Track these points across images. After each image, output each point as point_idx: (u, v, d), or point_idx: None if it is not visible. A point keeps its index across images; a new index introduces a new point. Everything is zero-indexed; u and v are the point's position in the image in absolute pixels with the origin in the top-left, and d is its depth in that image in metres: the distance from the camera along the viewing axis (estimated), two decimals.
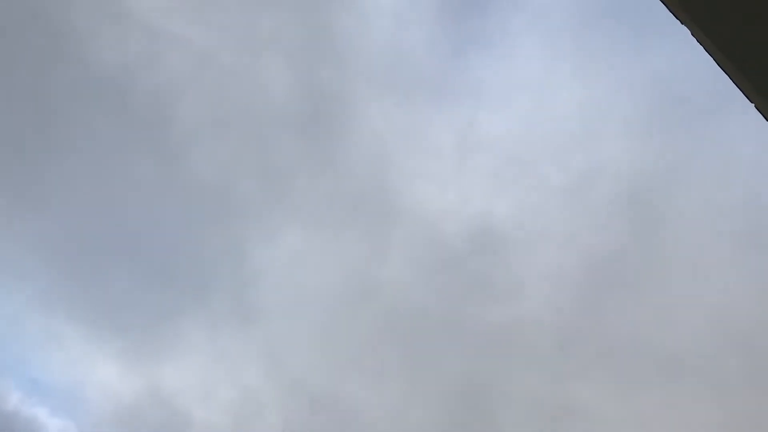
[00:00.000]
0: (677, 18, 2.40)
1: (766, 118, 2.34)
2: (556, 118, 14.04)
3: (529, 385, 13.24)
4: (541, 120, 13.82)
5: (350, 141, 13.51)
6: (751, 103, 2.35)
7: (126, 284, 14.11)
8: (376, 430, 13.05)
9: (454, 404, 13.09)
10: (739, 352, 11.91)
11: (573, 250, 13.41)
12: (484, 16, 14.28)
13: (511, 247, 13.65)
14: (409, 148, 13.57)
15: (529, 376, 13.28)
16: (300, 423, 13.00)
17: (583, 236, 13.32)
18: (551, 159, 13.36)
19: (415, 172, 13.62)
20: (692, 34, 2.37)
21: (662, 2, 2.45)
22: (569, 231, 13.42)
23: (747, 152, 12.79)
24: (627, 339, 13.18)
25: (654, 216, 13.28)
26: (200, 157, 14.51)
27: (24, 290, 13.92)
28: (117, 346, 13.81)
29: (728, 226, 12.70)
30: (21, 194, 13.58)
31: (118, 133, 13.52)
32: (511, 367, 13.37)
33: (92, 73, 13.04)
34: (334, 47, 13.87)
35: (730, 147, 12.94)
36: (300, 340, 13.46)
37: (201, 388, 13.84)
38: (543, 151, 13.44)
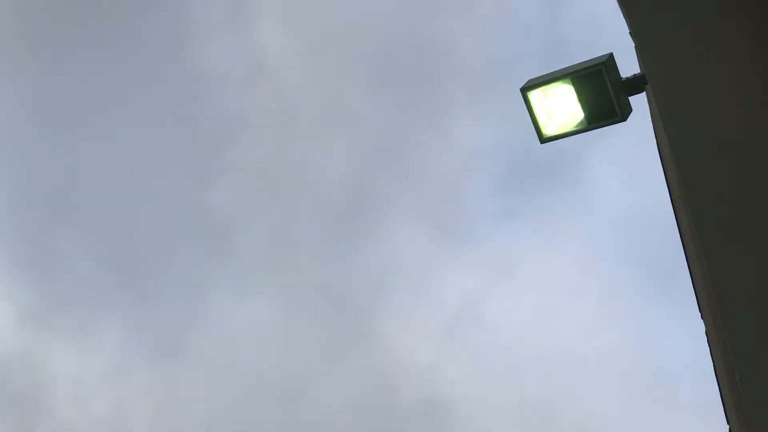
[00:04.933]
0: None
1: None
2: (555, 335, 13.59)
3: None
4: (543, 327, 13.39)
5: (366, 250, 13.15)
6: None
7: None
8: None
9: None
10: None
11: None
12: (541, 195, 13.95)
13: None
14: (412, 288, 13.17)
15: None
16: None
17: None
18: (526, 372, 12.78)
19: (405, 314, 13.12)
20: None
21: None
22: None
23: None
24: None
25: None
26: (226, 191, 14.37)
27: None
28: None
29: None
30: None
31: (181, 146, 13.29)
32: None
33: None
34: (402, 158, 13.69)
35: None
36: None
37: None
38: (527, 360, 12.92)
